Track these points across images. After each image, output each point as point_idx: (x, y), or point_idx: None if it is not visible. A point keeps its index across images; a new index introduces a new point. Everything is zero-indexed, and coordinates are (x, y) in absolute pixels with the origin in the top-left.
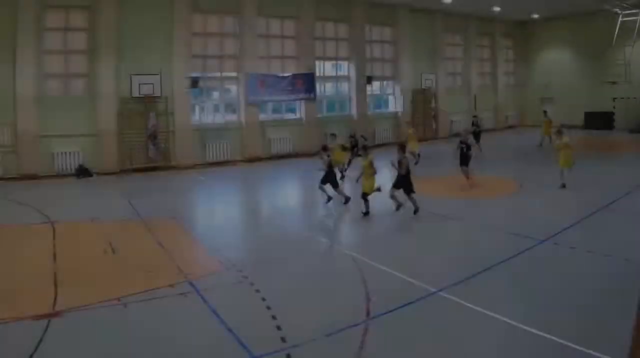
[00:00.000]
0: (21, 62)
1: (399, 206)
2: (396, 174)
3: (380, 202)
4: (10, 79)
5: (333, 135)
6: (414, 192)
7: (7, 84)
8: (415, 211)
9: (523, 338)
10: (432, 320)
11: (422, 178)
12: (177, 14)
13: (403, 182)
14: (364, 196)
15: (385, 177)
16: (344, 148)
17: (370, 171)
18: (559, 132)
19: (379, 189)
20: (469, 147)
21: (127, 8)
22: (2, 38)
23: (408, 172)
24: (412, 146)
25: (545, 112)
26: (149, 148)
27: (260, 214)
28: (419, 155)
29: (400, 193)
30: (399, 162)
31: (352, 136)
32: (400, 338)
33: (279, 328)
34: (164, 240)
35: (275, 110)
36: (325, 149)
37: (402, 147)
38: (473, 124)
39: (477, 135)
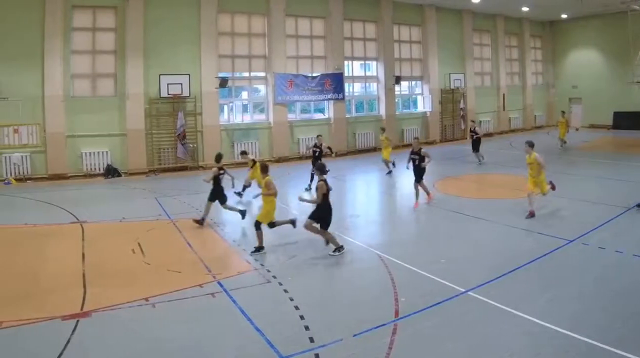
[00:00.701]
0: (49, 63)
1: (327, 241)
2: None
3: (400, 203)
4: (38, 79)
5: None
6: (327, 225)
7: (36, 85)
8: (336, 250)
9: (551, 337)
10: (461, 320)
11: (449, 178)
12: (205, 14)
13: (318, 213)
14: (256, 225)
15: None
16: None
17: (268, 194)
18: (529, 146)
19: (292, 223)
20: (422, 159)
21: (154, 8)
22: (30, 38)
23: (325, 201)
24: (385, 154)
25: (563, 112)
26: (177, 148)
27: (287, 214)
28: (393, 164)
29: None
30: (317, 188)
31: (318, 146)
32: (428, 339)
33: (307, 328)
34: (193, 240)
35: (303, 110)
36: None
37: (320, 169)
38: (471, 131)
39: (475, 142)
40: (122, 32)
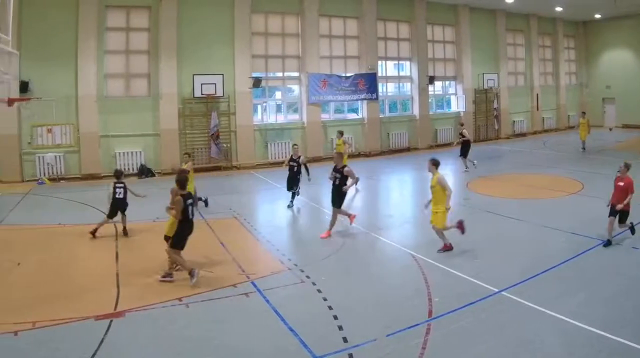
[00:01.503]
0: (83, 63)
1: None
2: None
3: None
4: (72, 79)
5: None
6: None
7: (69, 85)
8: (169, 275)
9: (585, 337)
10: (494, 320)
11: (482, 177)
12: (238, 14)
13: (178, 232)
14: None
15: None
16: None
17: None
18: (434, 165)
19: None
20: (344, 179)
21: (188, 8)
22: (64, 39)
23: (186, 219)
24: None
25: (583, 113)
26: (210, 148)
27: (321, 214)
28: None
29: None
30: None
31: (294, 159)
32: (462, 339)
33: (340, 328)
34: (226, 240)
35: (337, 110)
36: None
37: (180, 183)
38: (461, 135)
39: (464, 147)
40: (155, 32)
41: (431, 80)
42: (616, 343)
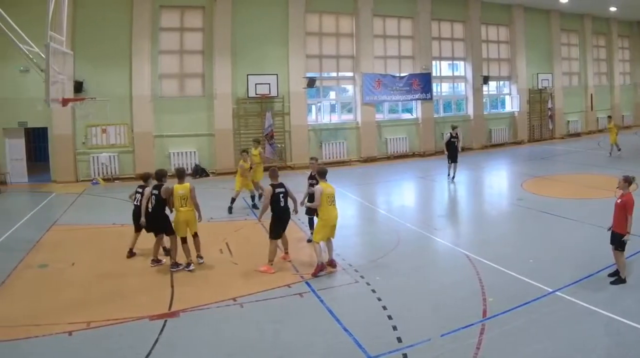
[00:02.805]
0: (137, 63)
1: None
2: None
3: (488, 202)
4: (126, 79)
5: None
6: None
7: (124, 85)
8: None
9: (639, 337)
10: (549, 320)
11: (538, 177)
12: (293, 14)
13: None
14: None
15: None
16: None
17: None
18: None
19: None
20: (286, 195)
21: (242, 8)
22: (119, 39)
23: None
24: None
25: (609, 117)
26: (265, 148)
27: (375, 214)
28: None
29: None
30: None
31: (314, 176)
32: (516, 339)
33: (395, 328)
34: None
35: (391, 110)
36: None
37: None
38: (452, 136)
39: (454, 150)
40: (209, 32)
41: (485, 80)
42: None
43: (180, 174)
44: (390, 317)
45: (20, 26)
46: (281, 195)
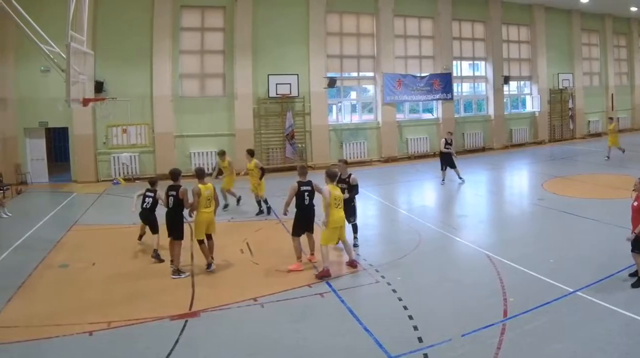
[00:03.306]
0: (158, 63)
1: None
2: None
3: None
4: (147, 79)
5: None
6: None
7: (144, 85)
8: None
9: None
10: (569, 320)
11: (559, 178)
12: (313, 14)
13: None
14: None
15: None
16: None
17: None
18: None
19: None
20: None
21: (263, 8)
22: (139, 39)
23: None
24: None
25: (610, 119)
26: (285, 148)
27: (396, 214)
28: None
29: None
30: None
31: (344, 180)
32: (537, 339)
33: (415, 328)
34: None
35: (412, 110)
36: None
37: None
38: (447, 143)
39: (449, 157)
40: (230, 32)
41: (506, 80)
42: None
43: (201, 174)
44: (411, 317)
45: (41, 26)
46: (306, 193)
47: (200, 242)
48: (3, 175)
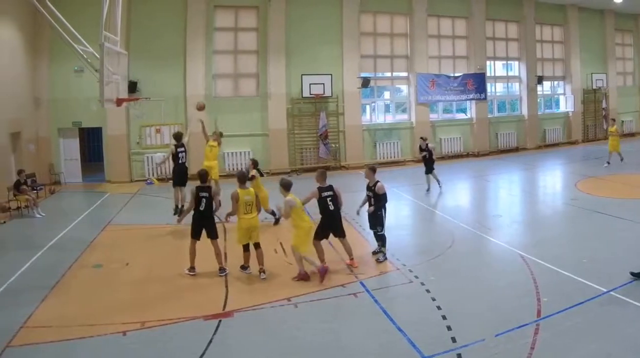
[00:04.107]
0: (191, 63)
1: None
2: None
3: (543, 202)
4: (180, 79)
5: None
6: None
7: (178, 85)
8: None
9: None
10: (603, 320)
11: (592, 178)
12: (347, 14)
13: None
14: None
15: None
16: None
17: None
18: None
19: None
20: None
21: (296, 8)
22: (173, 39)
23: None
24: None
25: (613, 120)
26: (319, 148)
27: (429, 214)
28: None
29: None
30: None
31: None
32: (570, 339)
33: (449, 328)
34: (335, 241)
35: (446, 110)
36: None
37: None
38: (421, 149)
39: (428, 162)
40: (263, 32)
41: (540, 80)
42: None
43: (242, 179)
44: (444, 317)
45: (74, 26)
46: (329, 198)
47: (245, 248)
48: (37, 175)
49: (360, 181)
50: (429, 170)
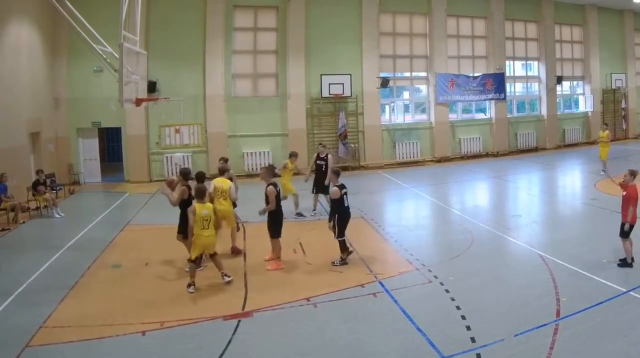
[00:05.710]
0: (210, 63)
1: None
2: None
3: (562, 202)
4: (199, 79)
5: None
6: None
7: (197, 85)
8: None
9: None
10: (622, 320)
11: (611, 178)
12: (366, 14)
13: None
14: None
15: None
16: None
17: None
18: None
19: None
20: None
21: (315, 8)
22: (192, 39)
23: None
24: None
25: (606, 124)
26: (338, 148)
27: (449, 214)
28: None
29: None
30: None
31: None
32: (590, 339)
33: (468, 328)
34: (354, 240)
35: (465, 110)
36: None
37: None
38: (319, 158)
39: (322, 176)
40: (283, 32)
41: (559, 80)
42: None
43: (201, 193)
44: (463, 317)
45: (94, 26)
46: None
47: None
48: (56, 175)
49: (380, 181)
50: (320, 188)
